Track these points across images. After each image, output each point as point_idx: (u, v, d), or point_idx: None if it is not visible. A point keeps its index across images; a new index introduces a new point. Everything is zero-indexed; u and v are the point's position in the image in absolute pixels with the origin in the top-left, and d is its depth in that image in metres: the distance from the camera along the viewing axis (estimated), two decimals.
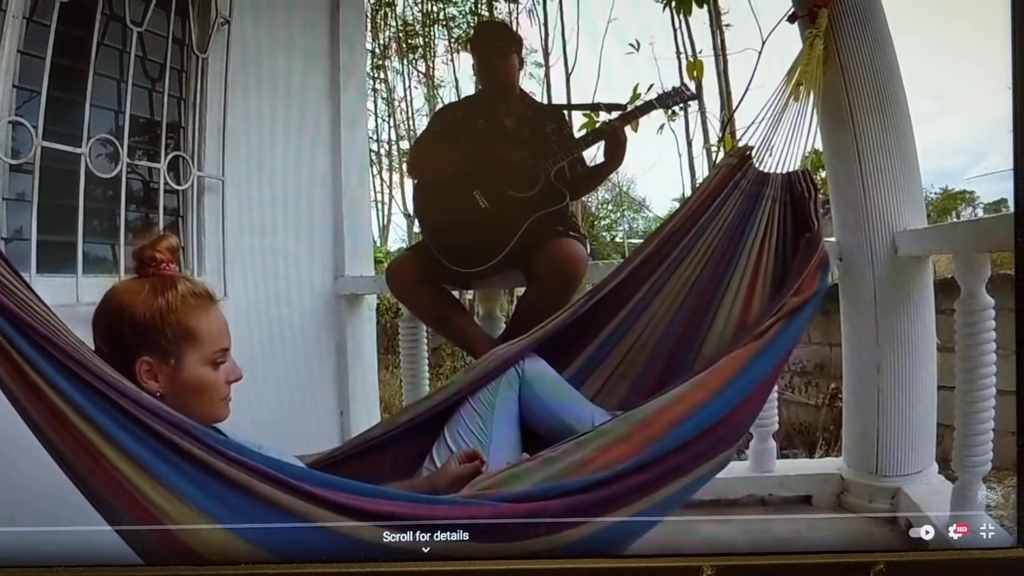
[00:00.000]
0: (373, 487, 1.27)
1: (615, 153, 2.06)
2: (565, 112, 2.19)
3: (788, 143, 1.62)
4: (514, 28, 2.47)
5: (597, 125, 2.12)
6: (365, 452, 1.54)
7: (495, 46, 2.12)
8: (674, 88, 2.14)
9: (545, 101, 2.37)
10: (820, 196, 1.58)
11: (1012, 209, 1.22)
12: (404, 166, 3.34)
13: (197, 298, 1.29)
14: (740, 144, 1.65)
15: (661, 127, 2.14)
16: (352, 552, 1.17)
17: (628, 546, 1.31)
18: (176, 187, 2.06)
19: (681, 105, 2.21)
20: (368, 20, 2.87)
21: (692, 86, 2.23)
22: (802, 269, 1.49)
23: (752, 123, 1.64)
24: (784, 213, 1.59)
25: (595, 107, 2.18)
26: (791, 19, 1.75)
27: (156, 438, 1.14)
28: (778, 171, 1.61)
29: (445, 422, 1.53)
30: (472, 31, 2.69)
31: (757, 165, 1.62)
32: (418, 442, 1.54)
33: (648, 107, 2.10)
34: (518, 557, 1.23)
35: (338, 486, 1.21)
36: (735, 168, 1.62)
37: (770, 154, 1.62)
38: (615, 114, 2.06)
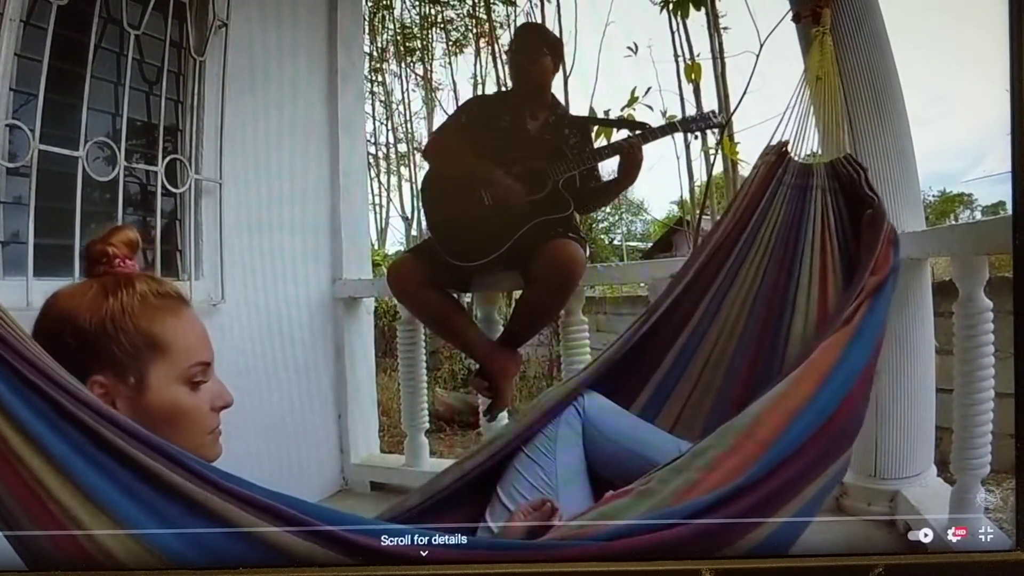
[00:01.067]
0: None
1: (629, 170, 2.05)
2: (590, 125, 2.19)
3: (821, 134, 1.58)
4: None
5: (613, 139, 2.12)
6: (405, 523, 1.29)
7: (528, 47, 2.14)
8: (701, 113, 2.13)
9: None
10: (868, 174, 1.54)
11: (1010, 211, 1.22)
12: (410, 163, 3.36)
13: (161, 298, 1.05)
14: (773, 142, 1.60)
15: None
16: (350, 556, 1.13)
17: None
18: (173, 190, 2.06)
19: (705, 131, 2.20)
20: (366, 23, 2.88)
21: (718, 112, 2.20)
22: (872, 247, 1.41)
23: (780, 119, 1.59)
24: (836, 199, 1.53)
25: (621, 123, 2.18)
26: (795, 19, 1.75)
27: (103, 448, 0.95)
28: (819, 162, 1.56)
29: (498, 481, 1.34)
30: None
31: (796, 158, 1.57)
32: (467, 508, 1.35)
33: (671, 128, 2.10)
34: None
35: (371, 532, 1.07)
36: (775, 165, 1.56)
37: (804, 148, 1.58)
38: (636, 131, 2.05)
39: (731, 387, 1.49)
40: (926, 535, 1.31)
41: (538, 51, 2.11)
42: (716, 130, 2.25)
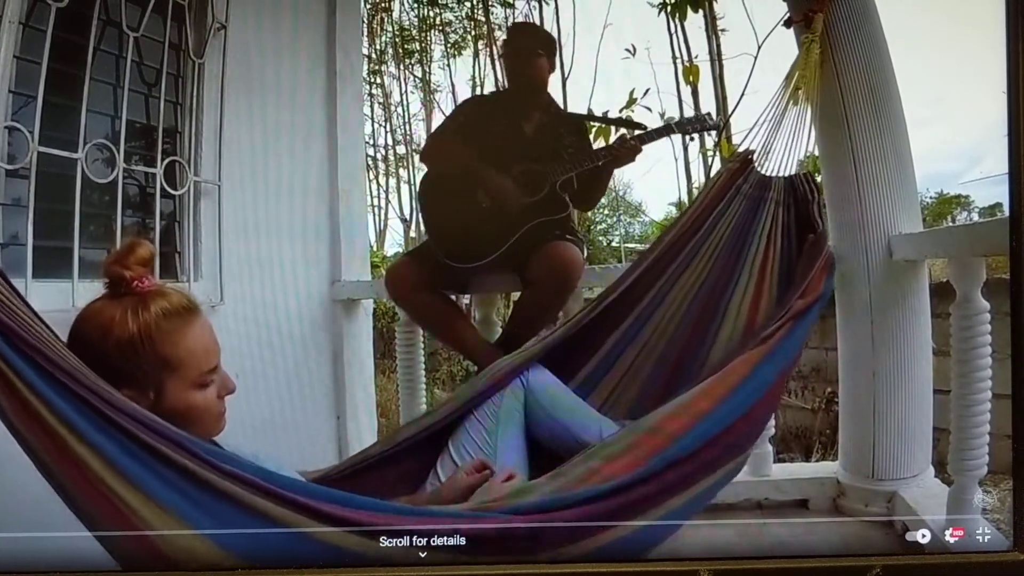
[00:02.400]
0: (371, 500, 1.22)
1: (621, 165, 2.07)
2: (586, 125, 2.19)
3: (788, 147, 1.61)
4: None
5: (612, 140, 2.12)
6: (366, 469, 1.49)
7: (523, 47, 2.13)
8: (697, 115, 2.13)
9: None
10: (821, 199, 1.58)
11: (1007, 213, 1.22)
12: (408, 165, 3.35)
13: (171, 319, 1.16)
14: (740, 149, 1.64)
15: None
16: (348, 559, 1.15)
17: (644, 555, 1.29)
18: (172, 192, 2.06)
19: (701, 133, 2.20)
20: (364, 25, 2.88)
21: (714, 115, 2.21)
22: (808, 271, 1.48)
23: (752, 127, 1.64)
24: (788, 216, 1.58)
25: (618, 122, 2.17)
26: (787, 24, 1.76)
27: (143, 448, 1.07)
28: (780, 175, 1.61)
29: (449, 437, 1.49)
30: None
31: (759, 169, 1.61)
32: (421, 458, 1.49)
33: (667, 130, 2.10)
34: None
35: (335, 499, 1.17)
36: (737, 173, 1.61)
37: (770, 158, 1.61)
38: (635, 132, 2.05)
39: (658, 377, 1.59)
40: (924, 536, 1.32)
41: (531, 50, 2.10)
42: (712, 132, 2.25)
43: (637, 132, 2.05)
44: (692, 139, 2.51)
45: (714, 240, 1.60)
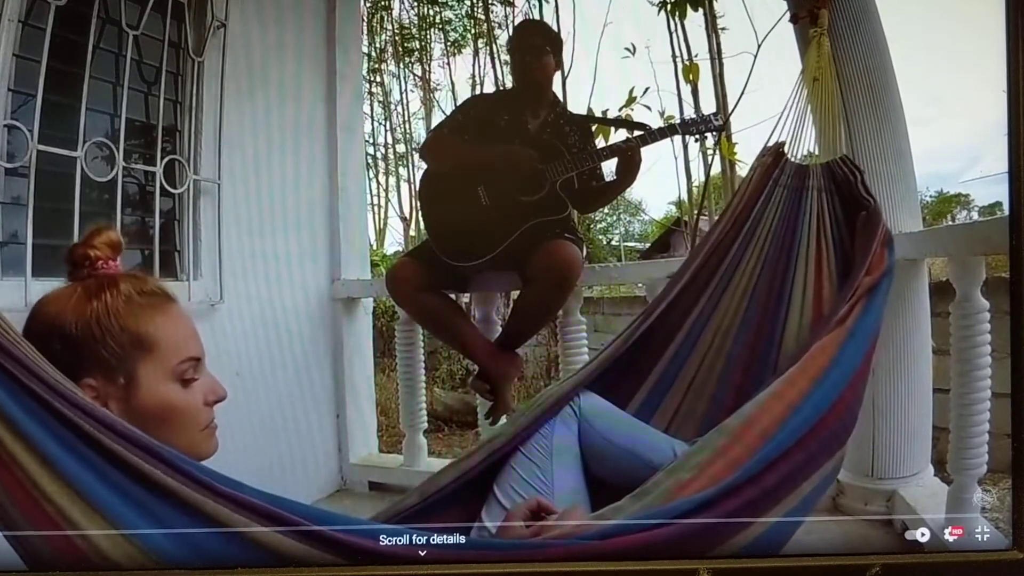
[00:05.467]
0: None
1: (627, 172, 2.05)
2: (590, 124, 2.17)
3: (818, 135, 1.58)
4: None
5: (612, 140, 2.11)
6: (401, 523, 1.31)
7: (533, 44, 2.11)
8: (702, 116, 2.11)
9: None
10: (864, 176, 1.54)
11: (1007, 212, 1.22)
12: (408, 164, 3.36)
13: (146, 296, 1.04)
14: (770, 144, 1.60)
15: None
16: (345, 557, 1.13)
17: None
18: (172, 190, 2.06)
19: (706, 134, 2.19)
20: (364, 24, 2.88)
21: (717, 113, 2.18)
22: (867, 248, 1.40)
23: (777, 120, 1.59)
24: (832, 200, 1.52)
25: (621, 123, 2.16)
26: (793, 20, 1.75)
27: (87, 443, 0.95)
28: (815, 163, 1.56)
29: (494, 480, 1.33)
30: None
31: (793, 159, 1.56)
32: (465, 507, 1.33)
33: (671, 130, 2.08)
34: None
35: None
36: (771, 166, 1.56)
37: (801, 150, 1.57)
38: (636, 133, 2.03)
39: (726, 388, 1.49)
40: (923, 535, 1.31)
41: (540, 48, 2.09)
42: (714, 132, 2.24)
43: (638, 133, 2.04)
44: (696, 139, 2.51)
45: (760, 236, 1.54)
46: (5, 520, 0.95)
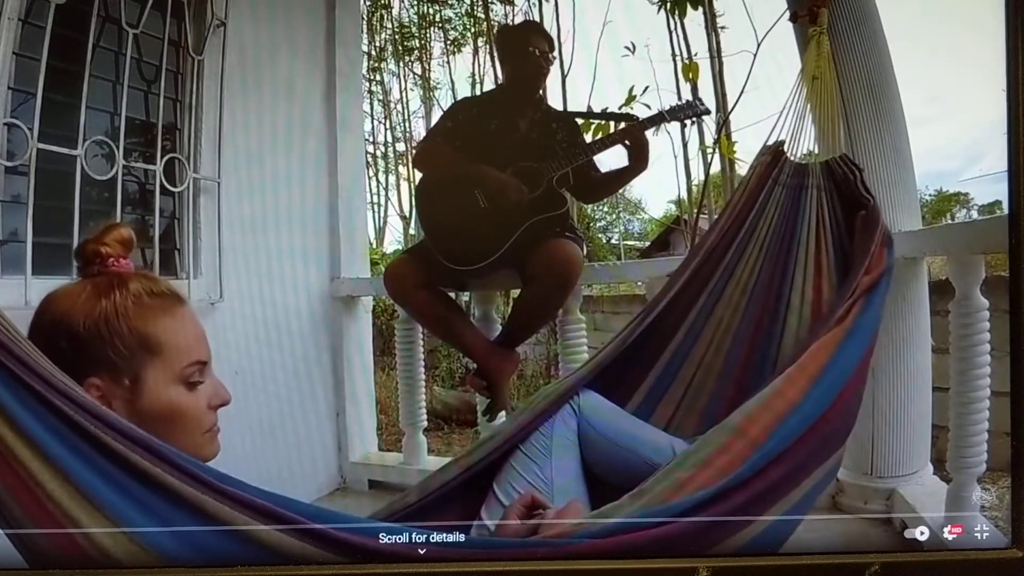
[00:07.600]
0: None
1: (639, 156, 2.05)
2: (579, 120, 2.17)
3: (817, 133, 1.58)
4: None
5: (611, 133, 2.10)
6: (401, 520, 1.32)
7: (536, 46, 2.10)
8: (687, 101, 2.11)
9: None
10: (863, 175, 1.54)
11: (1007, 211, 1.22)
12: (408, 162, 3.36)
13: (155, 297, 1.03)
14: (769, 142, 1.60)
15: (656, 129, 2.14)
16: (345, 555, 1.13)
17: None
18: (172, 189, 2.06)
19: (693, 120, 2.18)
20: (364, 22, 2.88)
21: (703, 99, 2.19)
22: (867, 247, 1.41)
23: (777, 118, 1.59)
24: (831, 199, 1.53)
25: (607, 116, 2.16)
26: (792, 19, 1.75)
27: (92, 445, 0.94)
28: (815, 162, 1.56)
29: (493, 478, 1.33)
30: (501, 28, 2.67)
31: (792, 158, 1.57)
32: (465, 505, 1.34)
33: (659, 119, 2.08)
34: None
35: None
36: (771, 165, 1.56)
37: (801, 148, 1.57)
38: (624, 124, 2.04)
39: (725, 387, 1.49)
40: (922, 533, 1.31)
41: (544, 51, 2.09)
42: (703, 118, 2.22)
43: (626, 124, 2.04)
44: (686, 124, 2.49)
45: (760, 235, 1.54)
46: (7, 518, 0.95)
